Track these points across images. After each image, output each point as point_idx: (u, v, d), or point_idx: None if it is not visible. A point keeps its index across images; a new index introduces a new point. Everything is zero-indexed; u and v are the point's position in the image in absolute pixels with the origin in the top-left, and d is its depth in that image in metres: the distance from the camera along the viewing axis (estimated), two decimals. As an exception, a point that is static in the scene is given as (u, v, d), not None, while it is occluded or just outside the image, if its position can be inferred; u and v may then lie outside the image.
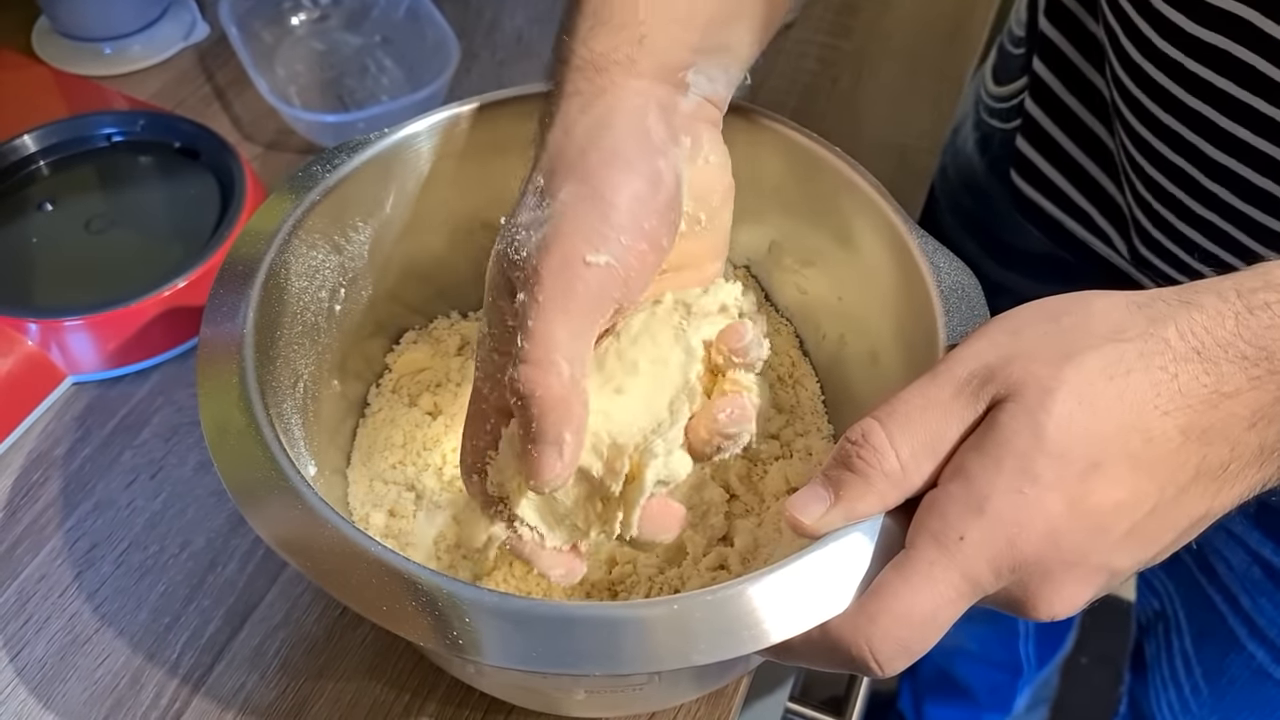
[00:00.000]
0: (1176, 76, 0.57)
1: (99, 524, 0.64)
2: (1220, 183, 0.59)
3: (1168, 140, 0.60)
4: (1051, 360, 0.38)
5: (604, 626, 0.39)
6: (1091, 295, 0.41)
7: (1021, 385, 0.38)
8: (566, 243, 0.42)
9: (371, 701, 0.57)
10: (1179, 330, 0.39)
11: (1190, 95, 0.57)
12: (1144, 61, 0.58)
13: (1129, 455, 0.38)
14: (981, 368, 0.40)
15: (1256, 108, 0.54)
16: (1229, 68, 0.54)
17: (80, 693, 0.57)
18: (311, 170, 0.54)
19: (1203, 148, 0.58)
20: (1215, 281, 0.40)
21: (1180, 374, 0.38)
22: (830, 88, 0.92)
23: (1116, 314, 0.40)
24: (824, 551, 0.40)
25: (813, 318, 0.63)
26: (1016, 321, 0.41)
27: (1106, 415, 0.38)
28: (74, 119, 0.80)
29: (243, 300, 0.50)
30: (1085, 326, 0.39)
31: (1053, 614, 0.39)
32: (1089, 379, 0.38)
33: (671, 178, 0.46)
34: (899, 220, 0.54)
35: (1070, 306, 0.41)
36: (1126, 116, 0.61)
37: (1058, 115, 0.70)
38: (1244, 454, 0.39)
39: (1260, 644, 0.72)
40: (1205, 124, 0.57)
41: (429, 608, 0.40)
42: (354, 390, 0.61)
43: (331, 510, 0.42)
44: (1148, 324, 0.39)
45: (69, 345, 0.68)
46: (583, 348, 0.42)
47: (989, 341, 0.40)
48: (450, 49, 0.84)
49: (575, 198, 0.43)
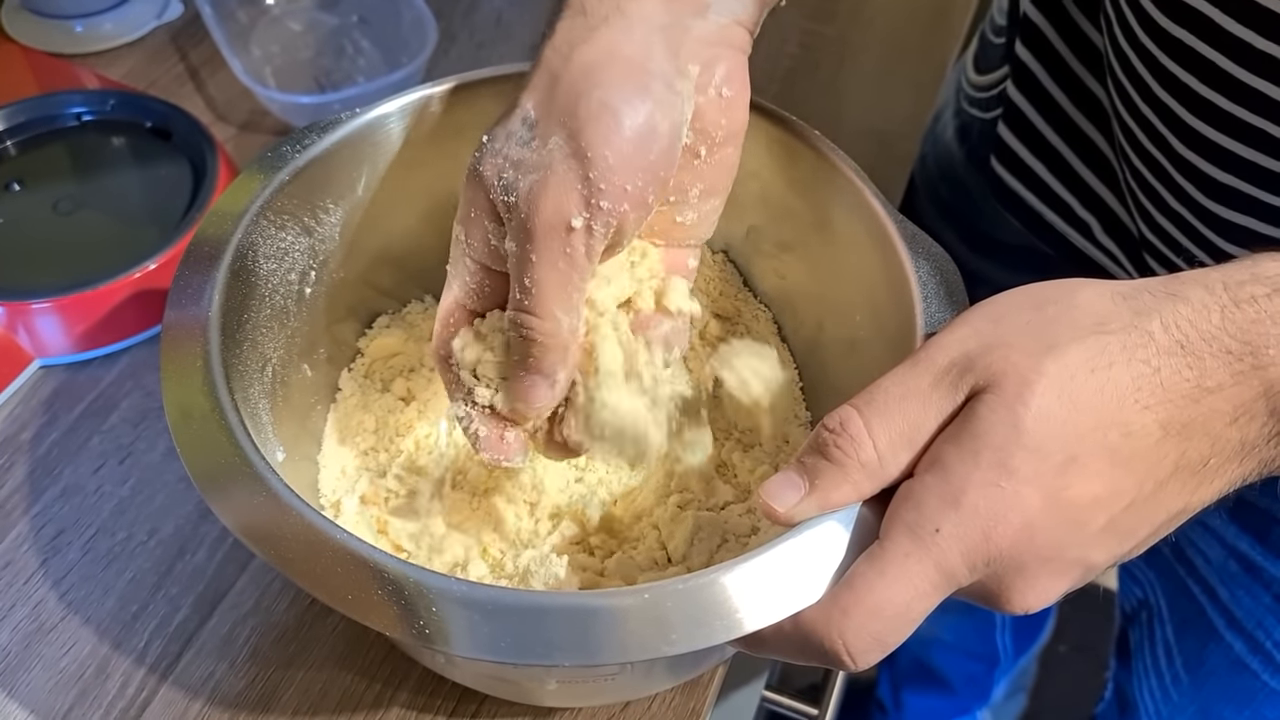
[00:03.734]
0: (1167, 47, 0.56)
1: (66, 510, 0.63)
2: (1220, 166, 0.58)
3: (1162, 116, 0.59)
4: (1032, 351, 0.38)
5: (575, 616, 0.39)
6: (1077, 284, 0.40)
7: (1001, 376, 0.38)
8: (553, 202, 0.43)
9: (342, 691, 0.56)
10: (1163, 323, 0.38)
11: (1178, 66, 0.56)
12: (1141, 32, 0.58)
13: (1107, 449, 0.37)
14: (961, 356, 0.39)
15: (1245, 81, 0.54)
16: (1215, 39, 0.54)
17: (45, 682, 0.56)
18: (281, 150, 0.53)
19: (1192, 122, 0.57)
20: (1202, 273, 0.40)
21: (1163, 368, 0.38)
22: (812, 73, 0.91)
23: (1101, 304, 0.39)
24: (798, 540, 0.40)
25: (791, 304, 0.63)
26: (1000, 308, 0.40)
27: (1086, 409, 0.37)
28: (43, 97, 0.78)
29: (208, 282, 0.49)
30: (1069, 316, 0.39)
31: (1026, 607, 0.39)
32: (1070, 371, 0.37)
33: (666, 127, 0.45)
34: (879, 206, 0.53)
35: (1055, 295, 0.40)
36: (1121, 80, 0.60)
37: (1041, 103, 0.70)
38: (1225, 449, 0.39)
39: (1238, 635, 0.72)
40: (1193, 96, 0.56)
41: (395, 597, 0.39)
42: (325, 375, 0.60)
43: (297, 497, 0.41)
44: (1132, 316, 0.38)
45: (36, 328, 0.67)
46: (577, 298, 0.45)
47: (971, 329, 0.40)
48: (428, 30, 0.83)
49: (563, 154, 0.43)
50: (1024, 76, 0.70)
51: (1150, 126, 0.59)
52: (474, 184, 0.45)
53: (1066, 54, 0.67)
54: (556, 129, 0.44)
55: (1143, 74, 0.58)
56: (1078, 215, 0.71)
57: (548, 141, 0.43)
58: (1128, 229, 0.66)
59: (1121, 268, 0.69)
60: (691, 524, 0.53)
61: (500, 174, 0.44)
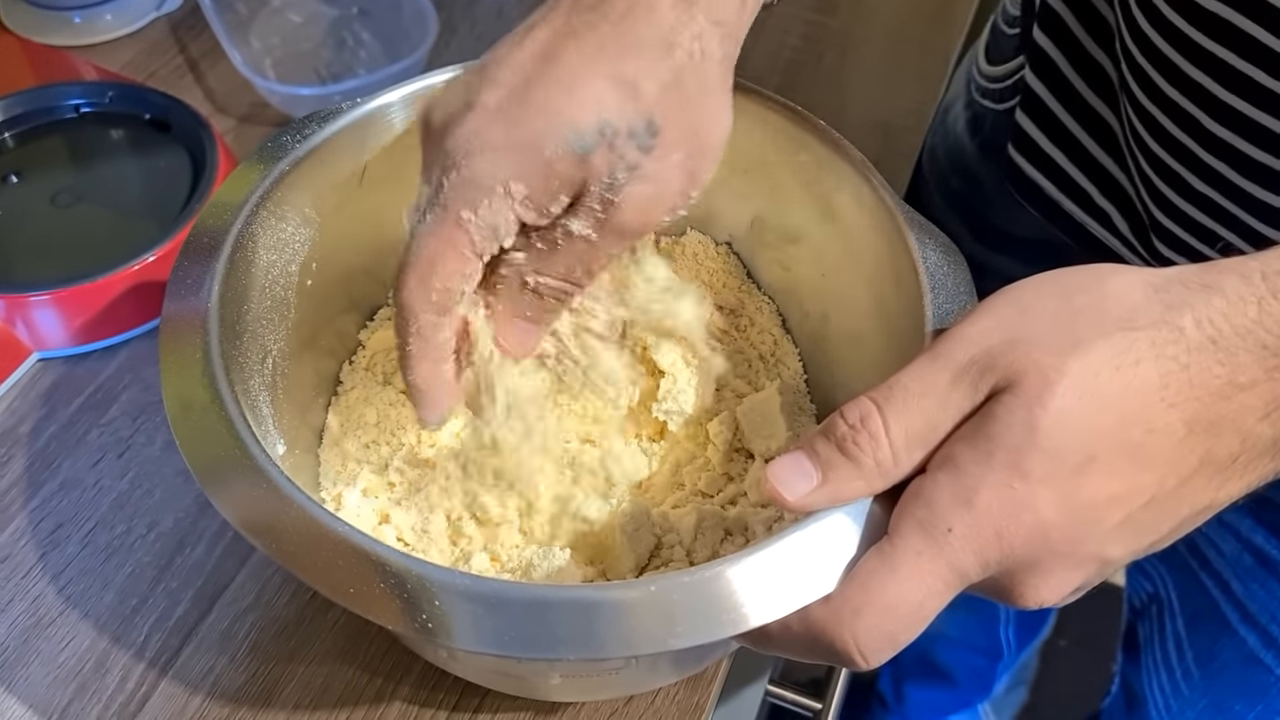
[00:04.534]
0: (1179, 45, 0.56)
1: (64, 503, 0.62)
2: (1220, 158, 0.58)
3: (1170, 113, 0.58)
4: (1056, 348, 0.37)
5: (579, 609, 0.38)
6: (1107, 272, 0.39)
7: (1022, 375, 0.37)
8: (657, 216, 0.45)
9: (343, 685, 0.56)
10: (1195, 318, 0.37)
11: (1192, 66, 0.56)
12: (1150, 30, 0.57)
13: (1127, 447, 0.36)
14: (983, 353, 0.38)
15: (1256, 79, 0.53)
16: (1230, 38, 0.53)
17: (43, 677, 0.56)
18: (281, 140, 0.53)
19: (1203, 120, 0.57)
20: (1239, 262, 0.38)
21: (1192, 364, 0.37)
22: (815, 65, 0.90)
23: (1131, 295, 0.38)
24: (806, 533, 0.39)
25: (796, 295, 0.62)
26: (1026, 297, 0.39)
27: (1108, 408, 0.36)
28: (41, 89, 0.78)
29: (208, 274, 0.48)
30: (1098, 308, 0.38)
31: (1040, 602, 0.38)
32: (1094, 370, 0.36)
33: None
34: (886, 196, 0.52)
35: (1084, 283, 0.39)
36: (1134, 54, 0.60)
37: (1059, 90, 0.69)
38: (1256, 445, 0.38)
39: (1252, 629, 0.72)
40: (1205, 95, 0.56)
41: (398, 590, 0.38)
42: (326, 367, 0.59)
43: (298, 490, 0.41)
44: (1164, 310, 0.37)
45: (35, 321, 0.67)
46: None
47: (995, 320, 0.39)
48: (429, 21, 0.82)
49: (681, 174, 0.45)
50: (1042, 63, 0.70)
51: (1161, 114, 0.59)
52: (573, 165, 0.43)
53: (1085, 39, 0.66)
54: (680, 147, 0.45)
55: (1151, 67, 0.57)
56: (1096, 204, 0.70)
57: (669, 157, 0.44)
58: (1143, 217, 0.65)
59: (1140, 257, 0.69)
60: (695, 518, 0.53)
61: (614, 170, 0.44)
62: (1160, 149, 0.61)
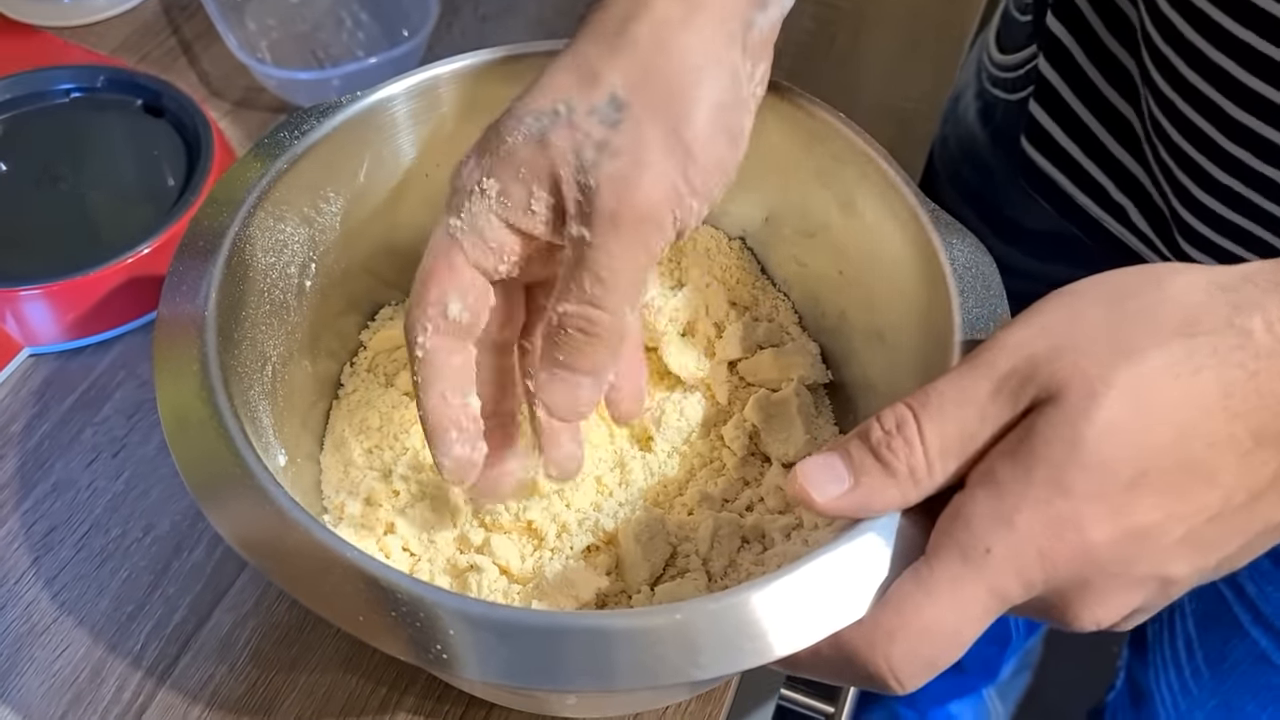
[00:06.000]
0: (1202, 28, 0.54)
1: (58, 505, 0.60)
2: (1243, 145, 0.56)
3: (1190, 99, 0.57)
4: (1104, 358, 0.35)
5: (597, 639, 0.37)
6: (1166, 272, 0.37)
7: (1065, 386, 0.35)
8: (649, 195, 0.41)
9: (346, 695, 0.55)
10: (1266, 320, 0.35)
11: (1214, 49, 0.54)
12: (1172, 12, 0.55)
13: (1185, 462, 0.34)
14: (1024, 362, 0.36)
15: None
16: (1253, 19, 0.52)
17: (37, 686, 0.54)
18: (278, 136, 0.51)
19: (1225, 106, 0.55)
20: None
21: (1261, 371, 0.34)
22: (827, 48, 0.88)
23: (1193, 297, 0.36)
24: (836, 554, 0.38)
25: (812, 292, 0.60)
26: (1076, 301, 0.37)
27: (1163, 420, 0.34)
28: (29, 73, 0.75)
29: (204, 278, 0.46)
30: (1154, 313, 0.36)
31: (1097, 623, 0.37)
32: (1147, 380, 0.35)
33: (748, 133, 0.44)
34: (908, 191, 0.50)
35: (1140, 285, 0.37)
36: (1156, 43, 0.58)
37: (1074, 80, 0.67)
38: None
39: (1264, 631, 0.71)
40: (1228, 80, 0.54)
41: (409, 619, 0.37)
42: (326, 370, 0.57)
43: (302, 511, 0.39)
44: (1231, 312, 0.35)
45: (25, 315, 0.65)
46: (643, 289, 0.44)
47: (1039, 326, 0.37)
48: (430, 2, 0.80)
49: (663, 147, 0.41)
50: (1056, 51, 0.67)
51: (1182, 105, 0.57)
52: (535, 149, 0.42)
53: (1100, 28, 0.64)
54: (654, 119, 0.41)
55: (1173, 51, 0.56)
56: (1112, 198, 0.68)
57: (641, 129, 0.41)
58: (1162, 211, 0.63)
59: (1158, 254, 0.67)
60: (712, 525, 0.51)
61: (580, 150, 0.41)
62: (1180, 138, 0.59)
